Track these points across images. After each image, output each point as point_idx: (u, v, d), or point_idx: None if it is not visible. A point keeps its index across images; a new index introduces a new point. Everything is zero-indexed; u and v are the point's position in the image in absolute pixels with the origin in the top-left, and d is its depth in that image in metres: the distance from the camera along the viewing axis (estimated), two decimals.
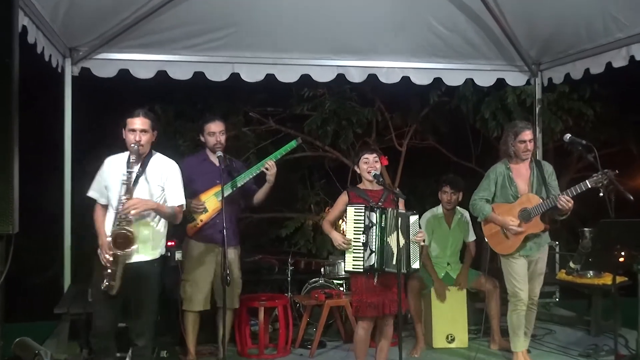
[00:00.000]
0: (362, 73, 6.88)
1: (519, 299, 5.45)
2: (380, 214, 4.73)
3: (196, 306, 5.39)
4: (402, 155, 9.44)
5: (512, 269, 5.46)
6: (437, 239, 6.39)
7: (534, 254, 5.44)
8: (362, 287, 4.81)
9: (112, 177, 4.47)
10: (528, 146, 5.38)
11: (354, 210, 4.79)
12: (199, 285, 5.37)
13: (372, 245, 4.70)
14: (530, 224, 5.33)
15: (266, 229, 9.59)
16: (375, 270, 4.72)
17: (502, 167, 5.51)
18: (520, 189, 5.43)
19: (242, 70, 6.60)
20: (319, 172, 9.87)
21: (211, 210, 5.32)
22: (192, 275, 5.37)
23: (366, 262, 4.73)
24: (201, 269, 5.37)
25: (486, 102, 8.09)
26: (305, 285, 6.94)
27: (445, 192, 6.31)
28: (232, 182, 5.31)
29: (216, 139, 5.35)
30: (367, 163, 4.92)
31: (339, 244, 4.80)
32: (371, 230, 4.71)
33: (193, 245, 5.39)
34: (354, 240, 4.76)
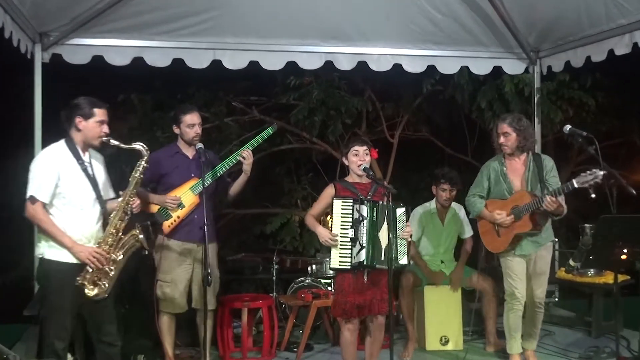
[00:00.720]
0: (351, 60, 6.87)
1: (515, 299, 5.48)
2: (371, 206, 4.73)
3: (176, 308, 5.38)
4: (393, 147, 9.45)
5: (508, 267, 5.49)
6: (430, 235, 6.40)
7: (531, 253, 5.46)
8: (349, 287, 4.81)
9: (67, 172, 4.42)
10: (502, 139, 5.42)
11: (342, 203, 4.78)
12: (178, 286, 5.35)
13: (362, 240, 4.70)
14: (520, 222, 5.35)
15: (250, 225, 9.58)
16: (365, 267, 4.72)
17: (496, 162, 5.54)
18: (515, 185, 5.45)
19: (224, 57, 6.57)
20: (305, 166, 9.87)
21: (188, 206, 5.30)
22: (170, 276, 5.35)
23: (355, 259, 4.72)
24: (179, 269, 5.35)
25: (482, 91, 8.10)
26: (291, 284, 6.93)
27: (444, 190, 6.31)
28: (210, 175, 5.30)
29: (196, 131, 5.34)
30: (356, 155, 4.92)
31: (325, 240, 4.78)
32: (361, 225, 4.71)
33: (170, 244, 5.35)
34: (341, 235, 4.75)
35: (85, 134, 4.44)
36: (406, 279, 6.21)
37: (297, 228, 8.92)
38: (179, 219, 5.31)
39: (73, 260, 4.33)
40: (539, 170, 5.41)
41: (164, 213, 5.29)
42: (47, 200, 4.32)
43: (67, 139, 4.45)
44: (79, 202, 4.39)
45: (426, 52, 6.99)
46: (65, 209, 4.37)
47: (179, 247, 5.35)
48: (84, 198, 4.42)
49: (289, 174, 9.82)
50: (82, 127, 4.43)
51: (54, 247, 4.34)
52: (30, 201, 4.30)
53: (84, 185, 4.42)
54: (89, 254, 4.31)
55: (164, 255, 5.37)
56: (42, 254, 4.40)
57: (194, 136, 5.33)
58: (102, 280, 4.35)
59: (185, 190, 5.30)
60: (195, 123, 5.34)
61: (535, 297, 5.54)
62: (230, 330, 6.10)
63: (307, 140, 9.23)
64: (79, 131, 4.44)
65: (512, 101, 7.76)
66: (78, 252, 4.32)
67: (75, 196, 4.38)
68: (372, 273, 4.80)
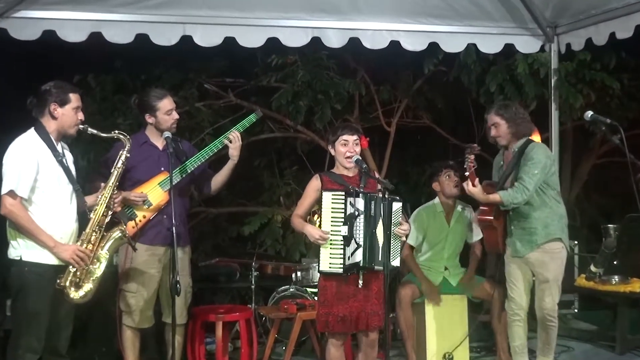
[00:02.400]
0: (341, 37, 6.85)
1: (510, 308, 5.66)
2: (367, 199, 4.74)
3: (142, 321, 5.37)
4: (390, 136, 9.45)
5: (507, 271, 5.66)
6: (432, 238, 6.42)
7: (526, 253, 5.53)
8: (332, 296, 4.80)
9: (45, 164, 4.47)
10: (493, 132, 5.60)
11: (332, 196, 4.78)
12: (144, 296, 5.34)
13: (359, 238, 4.70)
14: None
15: (225, 225, 9.56)
16: (362, 268, 4.72)
17: (500, 155, 5.75)
18: None
19: (195, 32, 6.53)
20: (289, 157, 9.85)
21: (156, 204, 5.29)
22: (136, 285, 5.33)
23: (349, 260, 4.71)
24: (145, 276, 5.34)
25: (492, 72, 8.10)
26: (272, 294, 6.94)
27: (449, 177, 6.35)
28: (181, 168, 5.28)
29: (174, 117, 5.36)
30: (345, 145, 4.93)
31: (317, 239, 4.77)
32: (357, 220, 4.71)
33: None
34: (332, 232, 4.75)
35: (61, 122, 4.54)
36: (404, 290, 6.22)
37: (280, 229, 8.89)
38: (145, 219, 5.29)
39: (54, 261, 4.43)
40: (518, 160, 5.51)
41: (128, 212, 5.27)
42: (26, 195, 4.37)
43: (38, 128, 4.51)
44: (57, 197, 4.46)
45: (428, 28, 6.98)
46: (44, 204, 4.44)
47: (146, 251, 5.33)
48: (62, 192, 4.50)
49: (270, 167, 9.80)
50: (59, 115, 4.53)
51: (34, 247, 4.41)
52: (10, 196, 4.34)
53: (61, 179, 4.50)
54: (73, 252, 4.40)
55: (129, 261, 5.35)
56: (20, 255, 4.44)
57: (172, 123, 5.34)
58: (85, 281, 4.41)
59: (154, 186, 5.29)
60: (173, 108, 5.36)
61: (542, 309, 5.58)
62: (203, 347, 6.10)
63: (291, 129, 9.21)
64: (54, 119, 4.53)
65: (526, 84, 7.76)
66: (61, 251, 4.41)
67: (53, 190, 4.47)
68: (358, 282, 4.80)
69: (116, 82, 8.62)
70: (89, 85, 8.38)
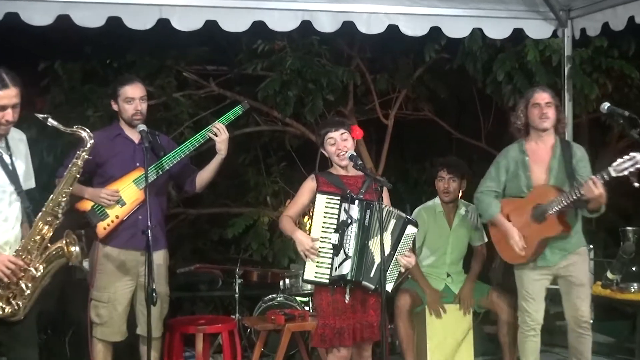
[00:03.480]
0: (334, 20, 6.84)
1: (527, 325, 5.61)
2: (363, 207, 4.74)
3: (114, 334, 5.35)
4: (388, 130, 9.46)
5: (523, 284, 5.59)
6: (433, 241, 6.42)
7: (557, 263, 5.50)
8: (328, 307, 4.80)
9: None
10: (544, 110, 5.46)
11: (327, 200, 4.78)
12: (117, 307, 5.32)
13: (348, 249, 4.70)
14: (546, 224, 5.38)
15: (206, 228, 9.56)
16: (348, 282, 4.72)
17: (516, 149, 5.58)
18: (536, 177, 5.51)
19: (173, 15, 6.50)
20: (277, 153, 9.86)
21: (130, 204, 5.27)
22: (107, 294, 5.31)
23: (336, 271, 4.72)
24: (119, 284, 5.32)
25: (499, 60, 8.10)
26: (258, 304, 6.94)
27: (441, 178, 6.35)
28: (157, 164, 5.27)
29: (135, 107, 5.31)
30: (333, 145, 4.93)
31: (305, 250, 4.76)
32: (349, 229, 4.71)
33: (106, 253, 5.31)
34: (322, 239, 4.75)
35: None
36: (403, 298, 6.22)
37: (267, 232, 8.91)
38: (118, 220, 5.27)
39: None
40: (567, 159, 5.44)
41: (99, 211, 5.25)
42: None
43: None
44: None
45: (429, 11, 6.98)
46: None
47: (119, 256, 5.32)
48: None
49: (256, 163, 9.80)
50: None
51: None
52: None
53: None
54: (1, 263, 4.28)
55: (100, 268, 5.33)
56: None
57: (134, 114, 5.30)
58: (16, 298, 4.32)
59: (128, 184, 5.27)
60: (135, 97, 5.32)
61: (579, 317, 5.55)
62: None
63: (279, 121, 9.22)
64: None
65: (537, 72, 7.77)
66: None
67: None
68: (356, 292, 4.80)
69: (85, 69, 8.60)
70: (56, 73, 8.36)
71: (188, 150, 5.38)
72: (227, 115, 5.53)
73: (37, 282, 4.36)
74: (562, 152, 5.49)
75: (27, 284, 4.35)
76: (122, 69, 8.39)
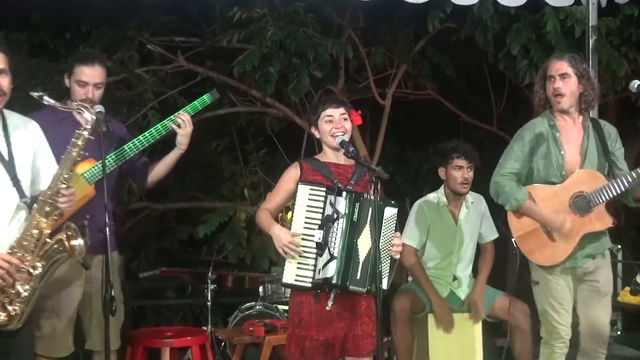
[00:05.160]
0: None
1: (559, 339, 5.49)
2: (352, 200, 4.75)
3: (60, 350, 5.34)
4: (385, 112, 9.48)
5: (549, 290, 5.49)
6: (437, 239, 6.44)
7: (584, 264, 5.48)
8: (310, 315, 4.81)
9: None
10: (556, 83, 5.35)
11: (310, 191, 4.77)
12: (62, 317, 5.31)
13: (334, 248, 4.71)
14: (591, 216, 5.34)
15: (173, 226, 9.57)
16: (333, 286, 4.72)
17: (544, 123, 5.47)
18: (568, 157, 5.43)
19: None
20: (256, 139, 9.87)
21: (80, 199, 5.25)
22: (51, 303, 5.31)
23: (320, 273, 4.73)
24: (64, 292, 5.31)
25: (514, 30, 8.13)
26: (234, 313, 6.96)
27: (459, 167, 6.35)
28: (116, 154, 5.28)
29: (86, 94, 5.30)
30: (330, 122, 4.93)
31: (284, 246, 4.76)
32: (335, 225, 4.73)
33: None
34: (304, 236, 4.75)
35: None
36: (401, 302, 6.24)
37: (244, 230, 8.93)
38: (63, 219, 5.24)
39: None
40: (602, 139, 5.41)
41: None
42: None
43: None
44: None
45: None
46: None
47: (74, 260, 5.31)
48: None
49: (232, 150, 9.82)
50: None
51: None
52: None
53: None
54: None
55: None
56: None
57: (82, 100, 5.25)
58: (12, 303, 4.35)
59: (77, 177, 5.26)
60: (90, 83, 5.30)
61: (601, 332, 5.49)
62: None
63: (258, 102, 9.22)
64: None
65: (557, 46, 7.79)
66: None
67: None
68: (343, 297, 4.82)
69: (33, 41, 8.59)
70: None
71: (147, 141, 5.37)
72: (194, 105, 5.52)
73: (35, 282, 4.39)
74: (595, 132, 5.44)
75: (24, 285, 4.37)
76: (75, 41, 8.38)
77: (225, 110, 9.23)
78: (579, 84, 5.37)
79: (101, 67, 5.39)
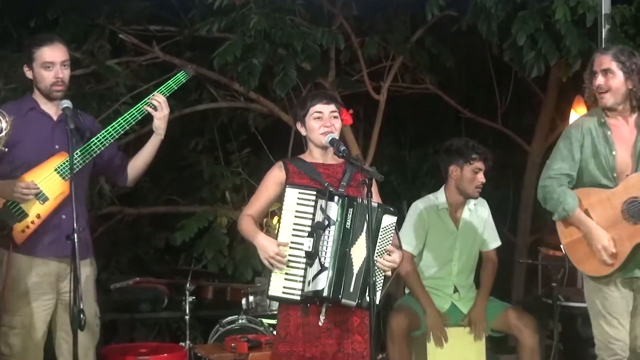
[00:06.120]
0: None
1: (612, 355, 5.44)
2: (344, 206, 4.75)
3: None
4: (379, 107, 9.47)
5: (603, 302, 5.43)
6: (436, 246, 6.45)
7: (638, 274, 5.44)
8: (297, 330, 4.80)
9: None
10: (599, 80, 5.32)
11: (299, 194, 4.77)
12: (33, 334, 5.30)
13: (325, 258, 4.71)
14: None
15: (148, 232, 9.56)
16: (324, 299, 4.72)
17: (594, 120, 5.44)
18: (620, 159, 5.39)
19: None
20: (238, 137, 9.86)
21: (54, 199, 5.22)
22: (21, 318, 5.30)
23: (309, 285, 4.72)
24: (35, 305, 5.30)
25: (520, 19, 8.14)
26: (215, 327, 6.95)
27: (477, 170, 6.34)
28: (84, 149, 5.25)
29: (56, 75, 5.28)
30: (319, 119, 4.93)
31: (269, 258, 4.76)
32: (326, 232, 4.72)
33: (19, 264, 5.26)
34: (292, 245, 4.75)
35: None
36: (398, 319, 6.25)
37: (225, 236, 8.91)
38: (41, 220, 5.23)
39: None
40: None
41: (15, 210, 5.20)
42: None
43: None
44: None
45: None
46: None
47: (37, 268, 5.28)
48: None
49: (212, 150, 9.81)
50: None
51: None
52: None
53: None
54: None
55: (11, 285, 5.29)
56: None
57: (53, 83, 5.27)
58: None
59: (49, 173, 5.20)
60: (56, 62, 5.30)
61: None
62: None
63: (241, 96, 9.21)
64: None
65: (567, 35, 7.80)
66: None
67: None
68: (334, 310, 4.82)
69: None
70: None
71: (123, 128, 5.35)
72: (169, 84, 5.51)
73: None
74: None
75: None
76: (40, 29, 8.36)
77: (205, 105, 9.21)
78: (627, 80, 5.32)
79: (62, 44, 5.41)
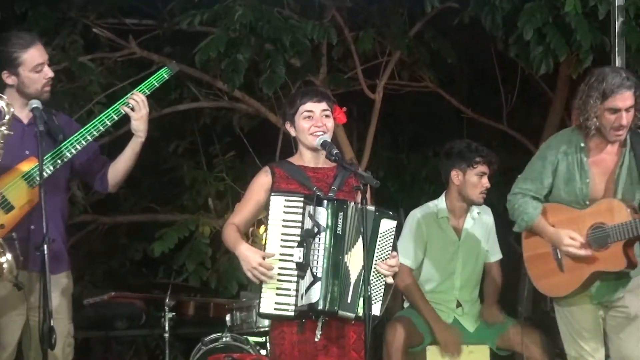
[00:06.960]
0: None
1: None
2: (334, 210, 4.75)
3: None
4: (375, 107, 9.49)
5: (572, 319, 5.53)
6: (437, 257, 6.47)
7: (610, 298, 5.50)
8: (292, 347, 4.80)
9: None
10: (622, 121, 5.25)
11: (285, 202, 4.77)
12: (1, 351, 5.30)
13: (316, 268, 4.71)
14: (605, 253, 5.32)
15: (125, 243, 9.56)
16: (320, 313, 4.73)
17: (572, 143, 5.49)
18: (595, 186, 5.44)
19: None
20: (222, 139, 9.87)
21: (19, 208, 5.24)
22: None
23: (303, 299, 4.73)
24: (5, 321, 5.32)
25: (527, 12, 8.16)
26: (197, 346, 6.96)
27: (482, 174, 6.34)
28: (55, 152, 5.25)
29: (46, 74, 5.31)
30: (310, 118, 4.94)
31: (252, 269, 4.75)
32: (316, 240, 4.72)
33: None
34: (282, 257, 4.75)
35: None
36: (395, 333, 6.25)
37: (208, 247, 8.92)
38: (5, 230, 5.24)
39: None
40: (638, 163, 5.40)
41: None
42: None
43: None
44: None
45: None
46: None
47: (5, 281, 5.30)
48: None
49: (193, 153, 9.82)
50: None
51: None
52: None
53: None
54: None
55: None
56: None
57: (45, 84, 5.30)
58: None
59: (16, 180, 5.22)
60: (44, 61, 5.33)
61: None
62: None
63: (225, 95, 9.22)
64: None
65: (578, 29, 7.82)
66: None
67: None
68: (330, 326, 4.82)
69: None
70: None
71: (97, 130, 5.34)
72: (149, 82, 5.50)
73: None
74: (632, 156, 5.41)
75: None
76: (8, 23, 8.36)
77: (186, 105, 9.22)
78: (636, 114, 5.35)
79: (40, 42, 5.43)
